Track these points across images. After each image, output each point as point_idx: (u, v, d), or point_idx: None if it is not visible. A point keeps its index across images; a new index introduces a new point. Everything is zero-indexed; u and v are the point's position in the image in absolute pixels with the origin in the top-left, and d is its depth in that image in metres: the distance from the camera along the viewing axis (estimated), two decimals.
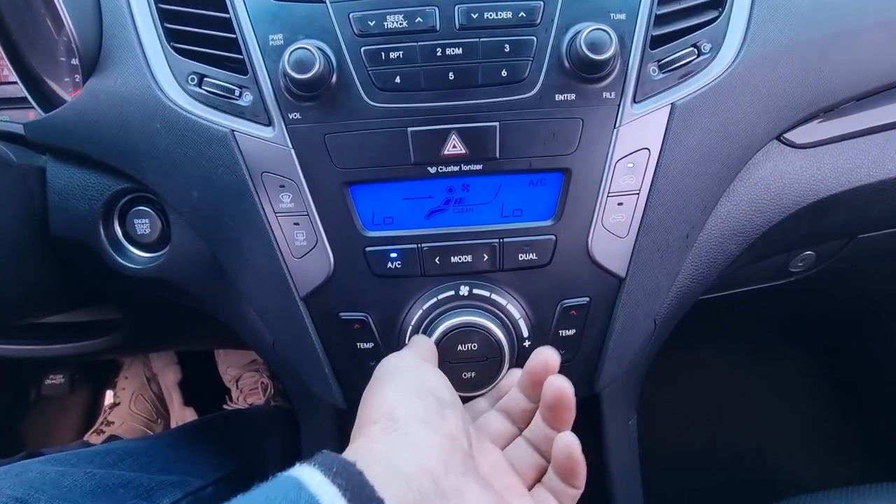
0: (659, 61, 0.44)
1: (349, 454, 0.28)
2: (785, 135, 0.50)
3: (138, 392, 1.16)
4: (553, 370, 0.38)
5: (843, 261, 0.64)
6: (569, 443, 0.35)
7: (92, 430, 1.11)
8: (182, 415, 1.15)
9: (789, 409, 1.12)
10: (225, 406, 1.12)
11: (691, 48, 0.45)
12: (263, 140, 0.43)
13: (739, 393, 1.15)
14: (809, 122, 0.50)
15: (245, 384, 1.13)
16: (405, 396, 0.32)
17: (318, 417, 0.54)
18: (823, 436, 1.09)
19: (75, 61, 0.52)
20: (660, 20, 0.44)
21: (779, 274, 0.65)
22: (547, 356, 0.38)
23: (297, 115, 0.43)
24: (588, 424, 0.57)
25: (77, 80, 0.52)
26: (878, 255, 0.65)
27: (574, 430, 0.38)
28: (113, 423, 1.11)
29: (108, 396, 1.18)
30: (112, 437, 1.07)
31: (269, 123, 0.43)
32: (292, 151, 0.43)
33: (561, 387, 0.36)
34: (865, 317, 1.05)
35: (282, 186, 0.44)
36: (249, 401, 1.11)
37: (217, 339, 0.85)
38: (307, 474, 0.26)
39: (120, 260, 0.50)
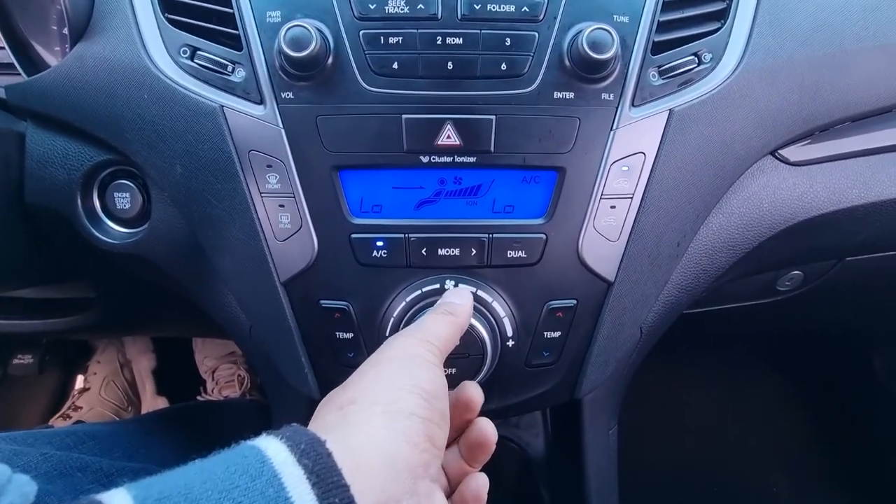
0: (659, 67, 0.44)
1: (321, 430, 0.26)
2: (779, 151, 0.50)
3: (110, 378, 1.12)
4: (492, 442, 0.37)
5: (830, 283, 0.64)
6: (480, 484, 0.36)
7: (58, 414, 1.08)
8: (154, 404, 1.11)
9: (768, 433, 1.12)
10: (199, 397, 1.09)
11: (692, 56, 0.45)
12: (253, 118, 0.42)
13: (719, 414, 1.15)
14: (804, 140, 0.50)
15: (221, 376, 1.10)
16: (398, 387, 0.30)
17: (292, 408, 0.52)
18: (801, 460, 1.09)
19: (66, 30, 0.50)
20: (662, 27, 0.44)
21: (766, 292, 0.65)
22: (487, 430, 0.38)
23: (290, 95, 0.42)
24: (568, 430, 0.56)
25: (67, 49, 0.51)
26: (865, 280, 0.66)
27: (554, 435, 0.37)
28: (81, 408, 1.08)
29: (79, 381, 1.14)
30: (79, 423, 1.04)
31: (261, 101, 0.42)
32: (282, 131, 0.42)
33: (487, 433, 0.37)
34: (847, 343, 1.06)
35: (269, 166, 0.43)
36: (225, 393, 1.08)
37: (194, 325, 0.83)
38: (273, 449, 0.24)
39: (96, 233, 0.48)
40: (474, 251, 0.43)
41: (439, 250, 0.43)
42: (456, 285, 0.44)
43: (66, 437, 0.52)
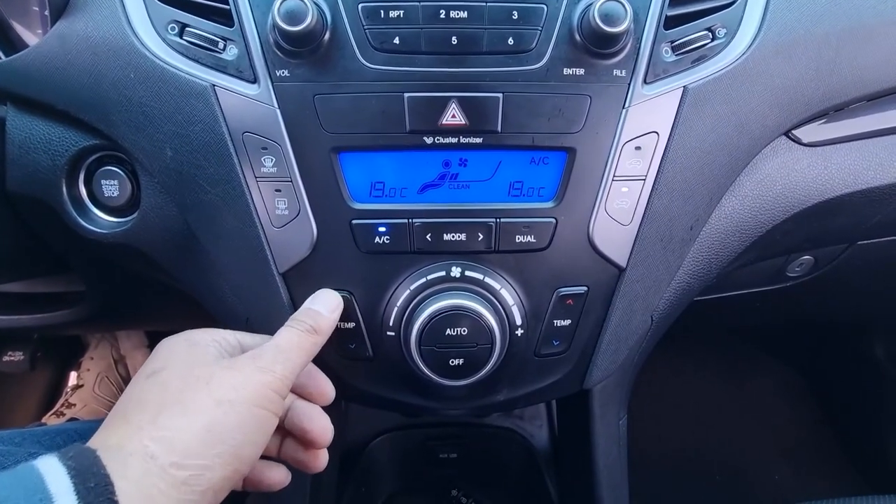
0: (672, 42, 0.42)
1: (115, 451, 0.28)
2: (794, 131, 0.49)
3: (104, 374, 1.10)
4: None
5: (840, 268, 0.63)
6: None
7: (51, 412, 1.06)
8: None
9: (770, 422, 1.12)
10: None
11: (705, 31, 0.43)
12: (247, 97, 0.40)
13: (721, 403, 1.14)
14: (819, 120, 0.49)
15: None
16: (216, 454, 0.30)
17: None
18: (803, 448, 1.09)
19: (48, 11, 0.48)
20: (675, 0, 0.42)
21: (776, 278, 0.64)
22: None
23: (286, 73, 0.40)
24: (576, 421, 0.54)
25: (49, 29, 0.48)
26: (874, 264, 0.64)
27: (561, 427, 0.35)
28: (74, 405, 1.06)
29: (72, 378, 1.12)
30: (73, 421, 1.01)
31: (255, 80, 0.40)
32: (278, 111, 0.40)
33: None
34: (848, 331, 1.06)
35: (264, 149, 0.40)
36: None
37: (188, 318, 0.81)
38: (43, 460, 0.27)
39: (82, 223, 0.46)
40: (481, 236, 0.42)
41: (445, 235, 0.41)
42: (462, 272, 0.42)
43: (57, 435, 0.50)
